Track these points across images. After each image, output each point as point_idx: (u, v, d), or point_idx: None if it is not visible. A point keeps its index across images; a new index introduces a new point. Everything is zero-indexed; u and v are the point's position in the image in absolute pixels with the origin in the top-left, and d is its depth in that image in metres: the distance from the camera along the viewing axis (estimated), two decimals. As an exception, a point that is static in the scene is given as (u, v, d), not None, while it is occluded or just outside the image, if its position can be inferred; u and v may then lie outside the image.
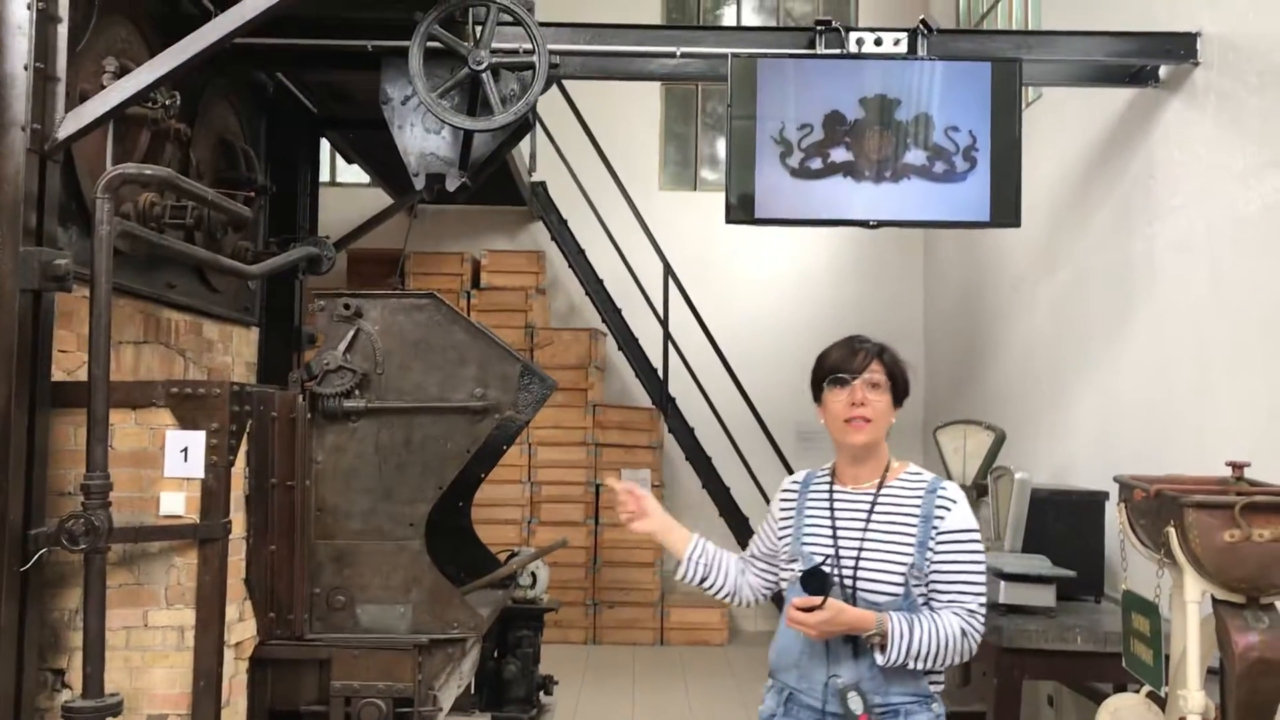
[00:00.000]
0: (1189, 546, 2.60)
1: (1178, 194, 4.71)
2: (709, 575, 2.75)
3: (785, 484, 2.76)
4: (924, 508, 2.47)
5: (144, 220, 3.86)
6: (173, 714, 3.43)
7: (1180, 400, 4.62)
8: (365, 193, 8.77)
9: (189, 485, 3.48)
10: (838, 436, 2.53)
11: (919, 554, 2.43)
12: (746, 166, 4.59)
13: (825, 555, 2.50)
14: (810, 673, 2.49)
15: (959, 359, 8.06)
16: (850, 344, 2.54)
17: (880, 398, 2.49)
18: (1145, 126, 5.02)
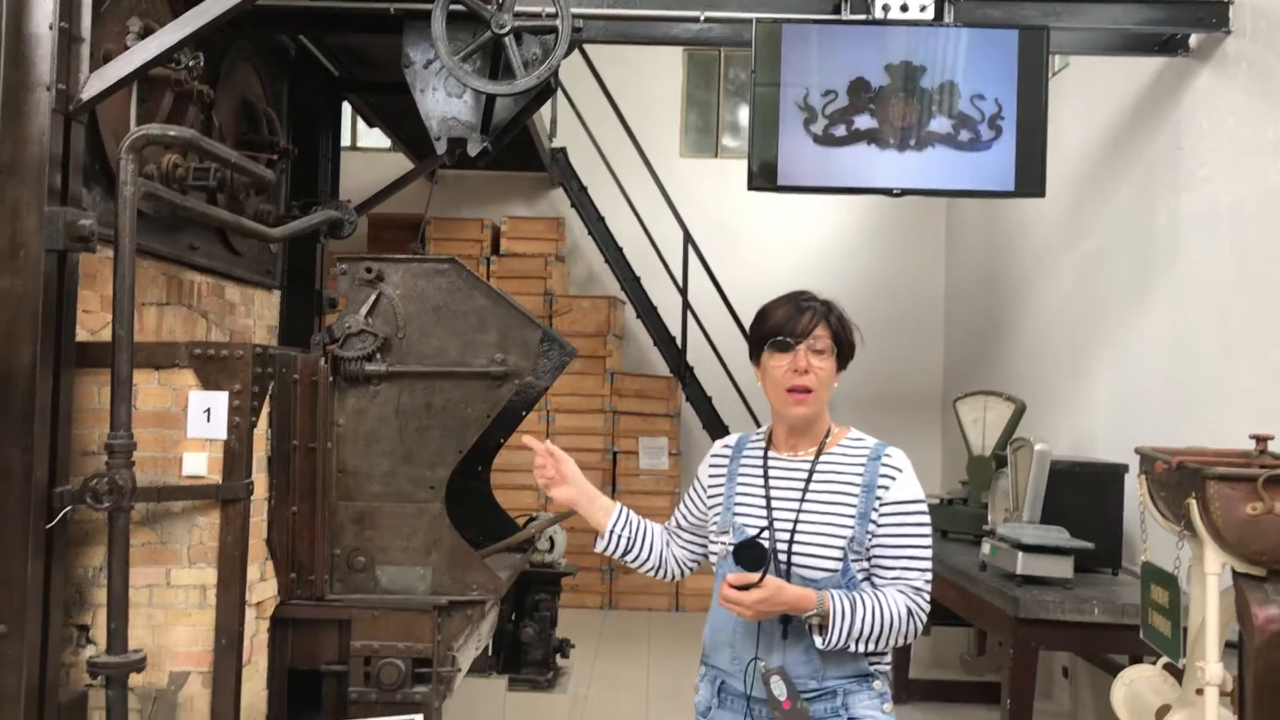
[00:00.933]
0: (1210, 519, 2.60)
1: (1205, 165, 4.66)
2: (631, 548, 2.52)
3: (715, 448, 2.54)
4: (866, 476, 2.27)
5: (167, 182, 3.87)
6: (195, 671, 3.48)
7: (1202, 373, 4.59)
8: (386, 157, 8.76)
9: (211, 446, 3.51)
10: (777, 406, 2.33)
11: (860, 526, 2.24)
12: (769, 133, 4.56)
13: (759, 527, 2.30)
14: (743, 655, 2.30)
15: (980, 329, 8.02)
16: (795, 302, 2.31)
17: (824, 364, 2.28)
18: (1174, 96, 4.96)
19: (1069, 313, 6.20)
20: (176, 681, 3.46)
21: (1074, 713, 5.74)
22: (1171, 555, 2.97)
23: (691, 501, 2.55)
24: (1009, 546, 4.16)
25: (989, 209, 7.77)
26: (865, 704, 2.27)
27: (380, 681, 3.84)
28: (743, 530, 2.29)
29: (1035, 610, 3.99)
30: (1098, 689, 5.27)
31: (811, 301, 2.31)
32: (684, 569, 2.60)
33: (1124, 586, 4.32)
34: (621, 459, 8.15)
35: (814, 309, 2.29)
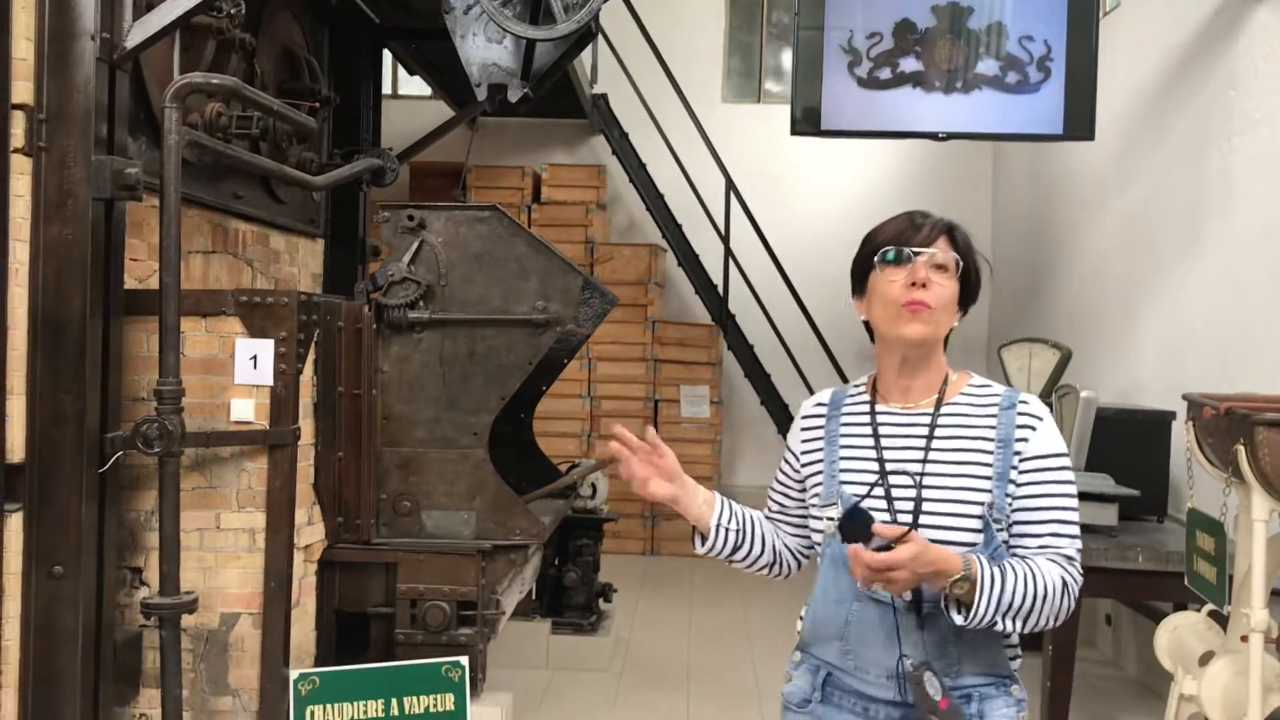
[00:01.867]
0: (1258, 465, 2.57)
1: (1261, 107, 4.55)
2: (742, 544, 2.11)
3: (806, 408, 2.13)
4: (1002, 429, 1.88)
5: (210, 130, 3.89)
6: (245, 612, 3.56)
7: (1253, 320, 4.51)
8: (427, 105, 8.75)
9: (258, 392, 3.56)
10: (888, 328, 1.91)
11: (999, 489, 1.84)
12: (813, 77, 4.51)
13: (863, 492, 1.92)
14: (861, 649, 1.90)
15: (1026, 276, 7.92)
16: (910, 217, 1.95)
17: (946, 283, 1.90)
18: (1229, 36, 4.83)
19: (1117, 259, 6.11)
20: (227, 622, 3.55)
21: (1116, 660, 5.73)
22: (1218, 502, 2.94)
23: (786, 477, 2.15)
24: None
25: (1036, 153, 7.64)
26: (1001, 712, 1.89)
27: (426, 624, 3.91)
28: (850, 499, 1.90)
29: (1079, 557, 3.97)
30: (1141, 636, 5.25)
31: (930, 217, 1.96)
32: (799, 559, 2.19)
33: (1169, 534, 4.29)
34: (663, 407, 8.17)
35: (933, 223, 1.94)
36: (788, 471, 2.14)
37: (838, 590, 1.91)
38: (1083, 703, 4.75)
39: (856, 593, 1.87)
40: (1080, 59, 4.43)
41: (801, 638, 2.05)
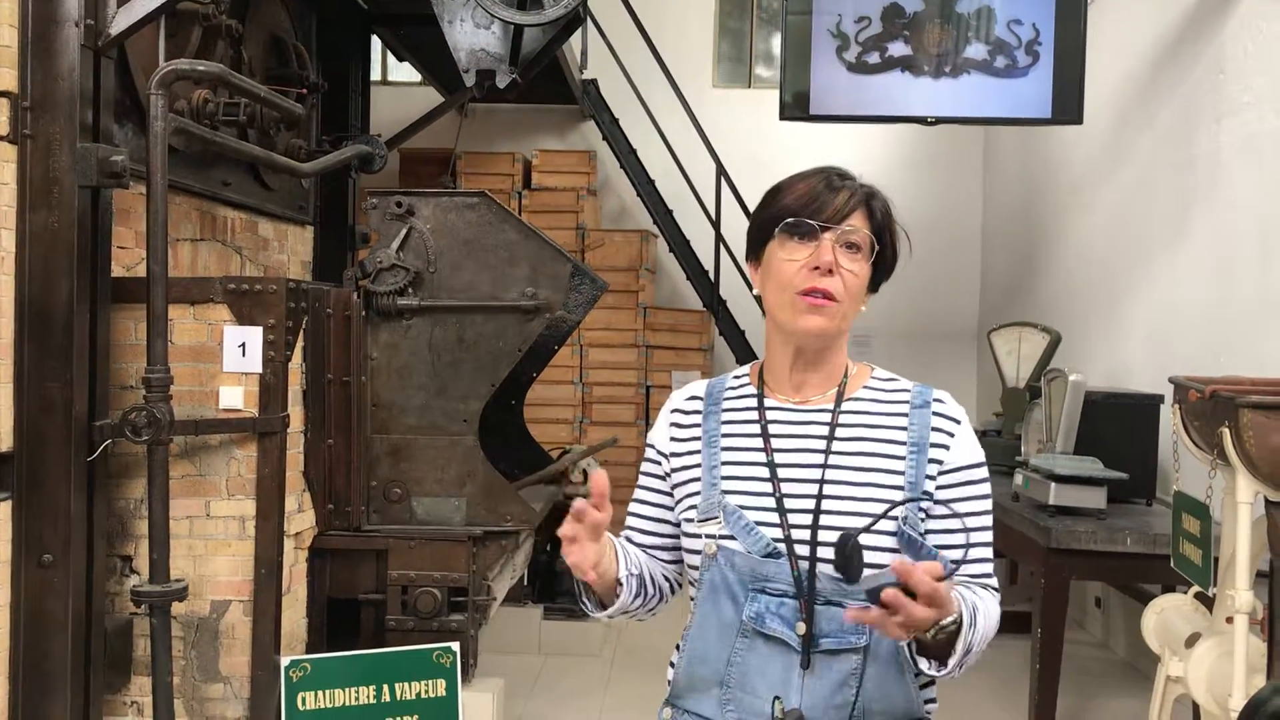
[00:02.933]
0: (1243, 447, 2.58)
1: (1248, 90, 4.55)
2: (644, 586, 1.70)
3: (676, 400, 1.76)
4: (914, 430, 1.59)
5: (197, 117, 3.88)
6: (235, 600, 3.56)
7: (1241, 304, 4.52)
8: (416, 91, 8.72)
9: (247, 380, 3.56)
10: (782, 315, 1.60)
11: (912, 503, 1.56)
12: (802, 62, 4.50)
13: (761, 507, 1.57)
14: (743, 695, 1.56)
15: (1016, 260, 7.93)
16: (826, 178, 1.59)
17: (857, 267, 1.57)
18: (1217, 18, 4.83)
19: (1106, 242, 6.12)
20: (218, 610, 3.55)
21: (1106, 642, 5.76)
22: (1204, 485, 2.96)
23: (653, 490, 1.76)
24: (1042, 477, 4.15)
25: (1026, 138, 7.64)
26: None
27: (417, 610, 3.93)
28: (735, 512, 1.58)
29: (1067, 540, 3.99)
30: (1129, 619, 5.28)
31: (848, 180, 1.61)
32: (675, 586, 1.79)
33: (1157, 517, 4.31)
34: (654, 393, 8.17)
35: (851, 189, 1.59)
36: (655, 483, 1.75)
37: (719, 623, 1.57)
38: (1072, 685, 4.78)
39: (742, 626, 1.56)
40: (1068, 43, 4.43)
41: (673, 687, 1.67)
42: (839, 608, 1.50)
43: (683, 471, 1.68)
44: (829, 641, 1.52)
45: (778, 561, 1.54)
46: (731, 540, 1.57)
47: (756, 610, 1.55)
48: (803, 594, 1.52)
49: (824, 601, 1.52)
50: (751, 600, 1.55)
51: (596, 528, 1.49)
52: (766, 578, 1.54)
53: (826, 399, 1.64)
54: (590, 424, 8.01)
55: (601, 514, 1.48)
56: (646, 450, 1.77)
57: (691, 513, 1.64)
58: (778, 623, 1.54)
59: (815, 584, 1.52)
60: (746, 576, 1.56)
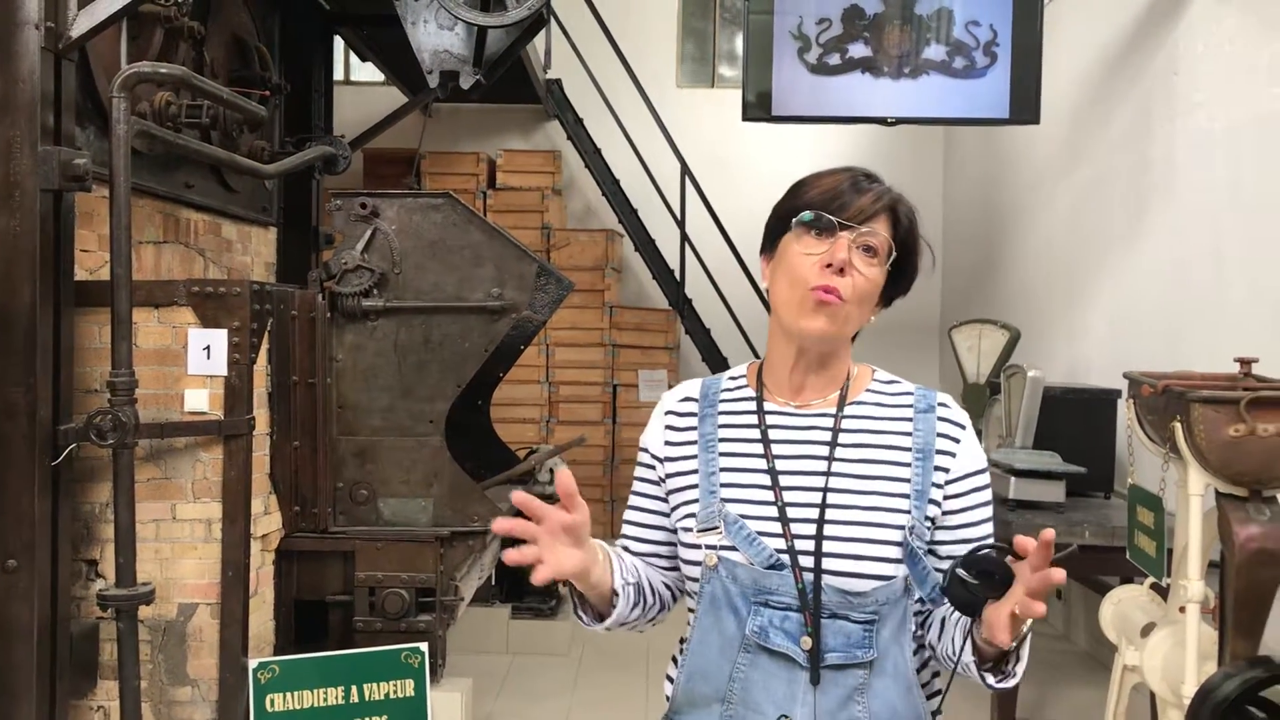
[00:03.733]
0: (1194, 441, 2.64)
1: (1200, 90, 4.64)
2: (640, 596, 1.64)
3: (670, 402, 1.69)
4: (920, 436, 1.54)
5: (160, 120, 3.87)
6: (202, 602, 3.56)
7: (1196, 300, 4.61)
8: (379, 91, 8.70)
9: (212, 382, 3.56)
10: (787, 313, 1.53)
11: (918, 509, 1.50)
12: (764, 63, 4.55)
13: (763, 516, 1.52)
14: (746, 712, 1.51)
15: (977, 258, 8.03)
16: (854, 178, 1.55)
17: (872, 271, 1.52)
18: (1170, 19, 4.92)
19: (1065, 240, 6.21)
20: (185, 613, 3.55)
21: (1066, 634, 5.85)
22: (1158, 478, 3.02)
23: (648, 496, 1.69)
24: (1002, 472, 4.22)
25: (986, 137, 7.73)
26: None
27: (385, 611, 3.93)
28: (736, 520, 1.52)
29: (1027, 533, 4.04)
30: (1090, 611, 5.36)
31: (875, 183, 1.56)
32: (676, 594, 1.72)
33: (1115, 510, 4.38)
34: (621, 392, 8.20)
35: (878, 193, 1.54)
36: (650, 489, 1.68)
37: (721, 638, 1.52)
38: (1033, 676, 4.86)
39: (745, 641, 1.50)
40: (1025, 44, 4.49)
41: (672, 703, 1.61)
42: (845, 621, 1.48)
43: (678, 477, 1.61)
44: (835, 656, 1.47)
45: (781, 574, 1.48)
46: (733, 551, 1.51)
47: (760, 624, 1.49)
48: (807, 607, 1.47)
49: (829, 615, 1.48)
50: (754, 614, 1.50)
51: (572, 531, 1.42)
52: (770, 590, 1.49)
53: (828, 403, 1.58)
54: (557, 423, 8.03)
55: (572, 515, 1.41)
56: (639, 455, 1.69)
57: (689, 521, 1.57)
58: (782, 637, 1.48)
59: (821, 597, 1.47)
60: (749, 589, 1.50)
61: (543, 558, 1.39)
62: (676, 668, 1.62)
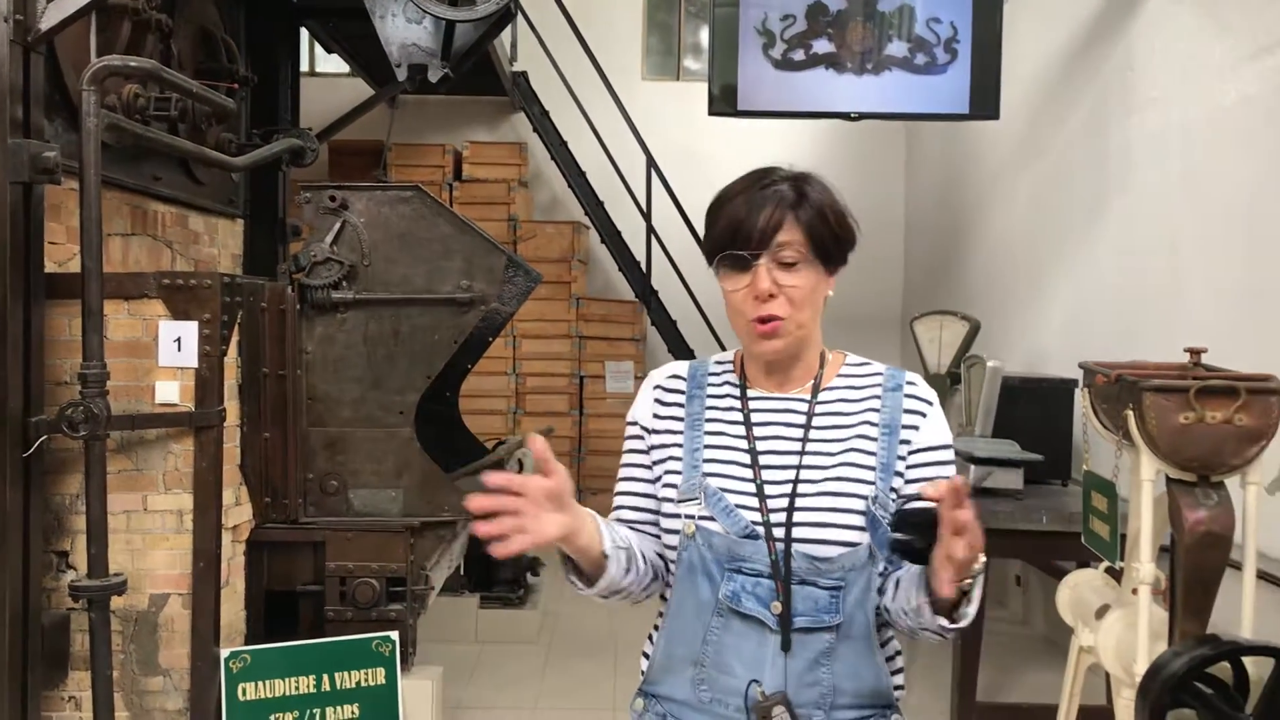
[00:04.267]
0: (1146, 428, 2.72)
1: (1156, 86, 4.75)
2: (631, 564, 1.67)
3: (660, 377, 1.78)
4: (887, 412, 1.65)
5: (128, 112, 3.88)
6: (174, 593, 3.58)
7: (1151, 291, 4.72)
8: (344, 83, 8.68)
9: (183, 374, 3.58)
10: (745, 341, 1.66)
11: (883, 481, 1.61)
12: (729, 57, 4.60)
13: (741, 490, 1.62)
14: (718, 675, 1.60)
15: (938, 250, 8.14)
16: (748, 196, 1.61)
17: (798, 280, 1.59)
18: (1127, 17, 5.02)
19: (1024, 233, 6.32)
20: (157, 603, 3.57)
21: (1025, 619, 5.97)
22: (1111, 464, 3.12)
23: (639, 466, 1.76)
24: (961, 460, 4.31)
25: (947, 132, 7.84)
26: None
27: (355, 600, 3.97)
28: (716, 494, 1.62)
29: (987, 520, 4.10)
30: (1048, 596, 5.48)
31: (775, 183, 1.63)
32: (669, 564, 1.72)
33: (1072, 496, 4.49)
34: (588, 383, 8.25)
35: (774, 201, 1.60)
36: (640, 459, 1.75)
37: (696, 602, 1.62)
38: (993, 659, 4.96)
39: (718, 605, 1.60)
40: (985, 41, 4.58)
41: (647, 673, 1.70)
42: (813, 587, 1.57)
43: (663, 449, 1.71)
44: (803, 620, 1.57)
45: (755, 543, 1.58)
46: (710, 521, 1.61)
47: (733, 589, 1.59)
48: (778, 574, 1.57)
49: (799, 581, 1.57)
50: (728, 580, 1.59)
51: (555, 497, 1.48)
52: (743, 558, 1.58)
53: (805, 390, 1.69)
54: (524, 414, 8.07)
55: (552, 480, 1.47)
56: (628, 428, 1.77)
57: (670, 491, 1.67)
58: (753, 602, 1.58)
59: (791, 564, 1.57)
60: (723, 556, 1.60)
61: (524, 527, 1.44)
62: (651, 643, 1.71)
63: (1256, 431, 2.67)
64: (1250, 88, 3.98)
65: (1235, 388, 2.66)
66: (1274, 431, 2.69)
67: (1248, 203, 3.98)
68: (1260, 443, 2.68)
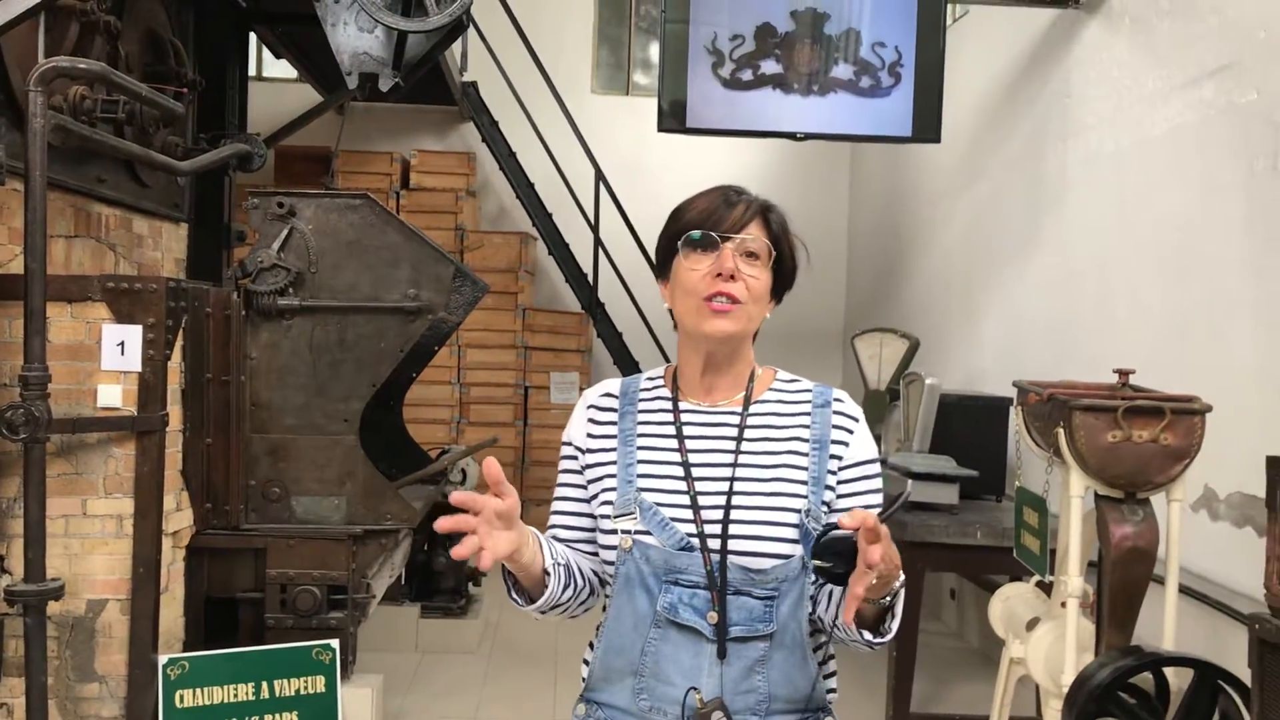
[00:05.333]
0: (1075, 446, 2.82)
1: (1091, 114, 4.89)
2: (570, 579, 1.73)
3: (592, 397, 1.83)
4: (817, 429, 1.71)
5: (74, 114, 3.85)
6: (112, 599, 3.55)
7: (1083, 312, 4.85)
8: (292, 88, 8.64)
9: (126, 378, 3.55)
10: (691, 321, 1.69)
11: (814, 495, 1.66)
12: (679, 74, 4.66)
13: (676, 504, 1.66)
14: (657, 684, 1.65)
15: (880, 269, 8.28)
16: (724, 194, 1.72)
17: (758, 273, 1.67)
18: (1064, 46, 5.17)
19: (963, 254, 6.46)
20: (94, 609, 3.54)
21: (960, 632, 6.08)
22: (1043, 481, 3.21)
23: (574, 486, 1.80)
24: (899, 474, 4.40)
25: (890, 153, 7.98)
26: None
27: (296, 608, 3.96)
28: (652, 508, 1.66)
29: (922, 534, 4.24)
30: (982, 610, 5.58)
31: (744, 195, 1.73)
32: (604, 580, 1.79)
33: (1006, 512, 4.59)
34: (533, 394, 8.27)
35: (748, 202, 1.71)
36: (574, 479, 1.80)
37: (634, 614, 1.66)
38: (928, 671, 5.05)
39: (656, 617, 1.64)
40: (928, 66, 4.69)
41: (588, 681, 1.74)
42: (748, 597, 1.62)
43: (598, 467, 1.75)
44: (738, 629, 1.62)
45: (691, 555, 1.62)
46: (646, 535, 1.65)
47: (670, 601, 1.63)
48: (714, 585, 1.62)
49: (734, 591, 1.62)
50: (665, 591, 1.63)
51: (504, 515, 1.51)
52: (680, 570, 1.63)
53: (735, 401, 1.73)
54: (468, 424, 8.07)
55: (505, 501, 1.51)
56: (563, 448, 1.82)
57: (607, 508, 1.70)
58: (690, 613, 1.62)
59: (726, 573, 1.61)
60: (660, 569, 1.64)
61: (482, 543, 1.48)
62: (591, 651, 1.74)
63: (1180, 450, 2.78)
64: (1180, 117, 4.12)
65: (1161, 408, 2.77)
66: (1197, 450, 2.80)
67: (1176, 228, 4.12)
68: (1184, 461, 2.79)
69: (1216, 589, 3.61)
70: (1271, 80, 3.59)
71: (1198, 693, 2.62)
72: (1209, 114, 3.93)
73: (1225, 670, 2.64)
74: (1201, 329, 3.90)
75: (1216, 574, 3.65)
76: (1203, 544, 3.70)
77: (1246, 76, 3.72)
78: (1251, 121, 3.68)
